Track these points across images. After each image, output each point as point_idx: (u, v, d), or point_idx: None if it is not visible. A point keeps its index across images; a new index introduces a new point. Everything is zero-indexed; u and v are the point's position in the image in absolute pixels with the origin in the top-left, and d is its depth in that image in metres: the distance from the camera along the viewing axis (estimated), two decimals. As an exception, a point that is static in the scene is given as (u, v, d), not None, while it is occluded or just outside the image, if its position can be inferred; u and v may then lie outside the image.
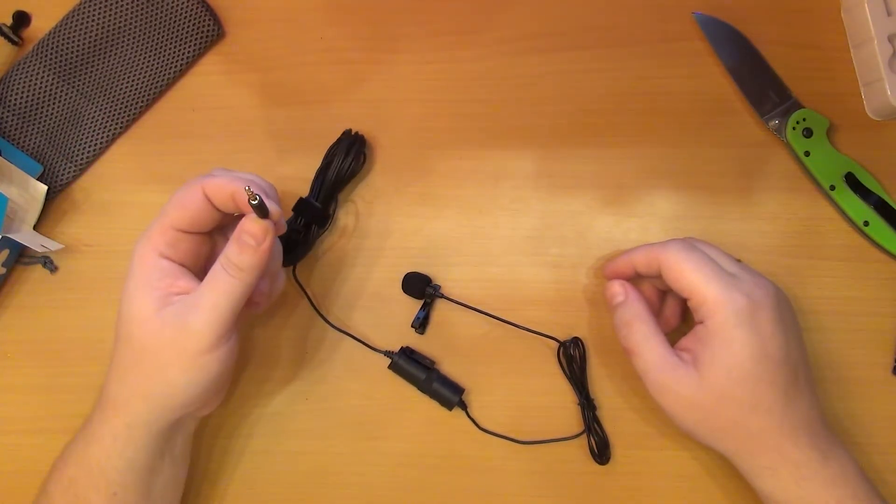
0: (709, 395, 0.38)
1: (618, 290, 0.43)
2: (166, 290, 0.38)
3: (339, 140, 0.47)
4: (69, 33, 0.49)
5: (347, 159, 0.46)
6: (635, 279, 0.44)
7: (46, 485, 0.40)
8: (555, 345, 0.47)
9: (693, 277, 0.39)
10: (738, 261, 0.42)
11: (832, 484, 0.38)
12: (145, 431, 0.39)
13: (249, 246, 0.37)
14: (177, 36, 0.50)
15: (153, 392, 0.39)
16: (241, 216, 0.38)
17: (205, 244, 0.42)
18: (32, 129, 0.49)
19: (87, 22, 0.49)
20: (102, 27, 0.49)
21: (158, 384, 0.39)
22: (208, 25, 0.49)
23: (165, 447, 0.41)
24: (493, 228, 0.48)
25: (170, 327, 0.37)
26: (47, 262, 0.49)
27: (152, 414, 0.39)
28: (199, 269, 0.41)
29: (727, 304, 0.38)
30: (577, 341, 0.46)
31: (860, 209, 0.46)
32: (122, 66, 0.50)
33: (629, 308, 0.42)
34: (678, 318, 0.45)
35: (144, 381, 0.39)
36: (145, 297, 0.38)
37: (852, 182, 0.46)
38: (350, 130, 0.48)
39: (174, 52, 0.50)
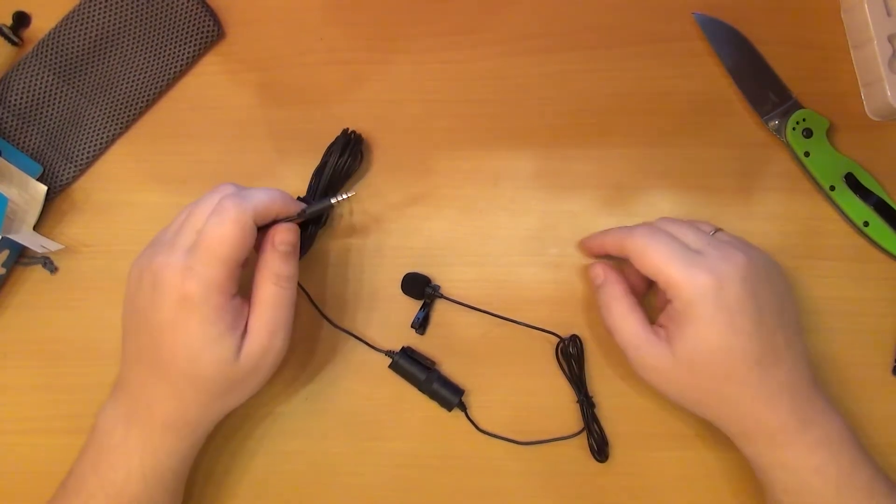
0: (682, 369, 0.40)
1: (598, 272, 0.45)
2: (241, 325, 0.39)
3: (335, 139, 0.47)
4: (69, 33, 0.49)
5: (343, 158, 0.46)
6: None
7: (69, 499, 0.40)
8: (554, 344, 0.47)
9: (656, 261, 0.40)
10: (719, 230, 0.43)
11: (811, 450, 0.38)
12: (196, 448, 0.42)
13: (290, 253, 0.41)
14: (177, 36, 0.50)
15: (221, 413, 0.42)
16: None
17: None
18: (32, 130, 0.49)
19: (87, 22, 0.49)
20: (102, 27, 0.49)
21: (231, 406, 0.42)
22: (208, 26, 0.49)
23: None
24: (493, 228, 0.48)
25: (253, 358, 0.39)
26: (47, 263, 0.49)
27: (208, 430, 0.42)
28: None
29: (689, 284, 0.39)
30: (574, 339, 0.46)
31: (860, 209, 0.46)
32: (122, 66, 0.50)
33: (608, 289, 0.44)
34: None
35: (215, 410, 0.41)
36: (227, 342, 0.38)
37: (852, 182, 0.46)
38: (347, 129, 0.48)
39: (174, 53, 0.50)
